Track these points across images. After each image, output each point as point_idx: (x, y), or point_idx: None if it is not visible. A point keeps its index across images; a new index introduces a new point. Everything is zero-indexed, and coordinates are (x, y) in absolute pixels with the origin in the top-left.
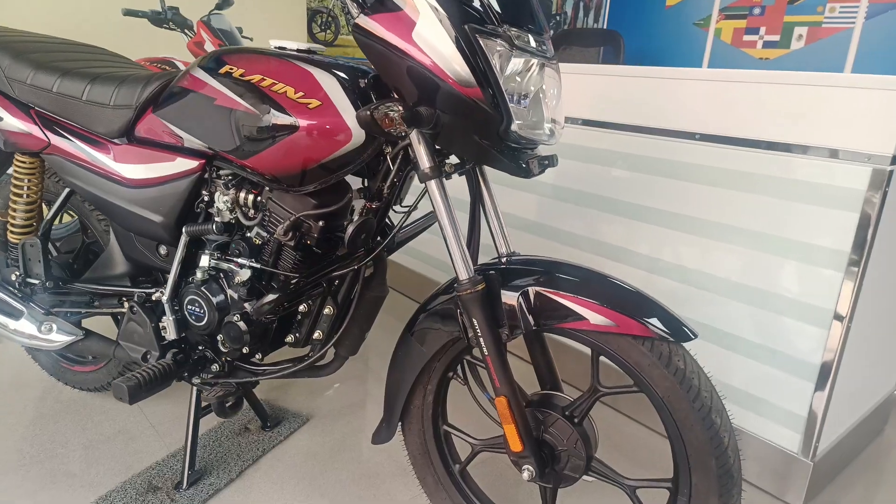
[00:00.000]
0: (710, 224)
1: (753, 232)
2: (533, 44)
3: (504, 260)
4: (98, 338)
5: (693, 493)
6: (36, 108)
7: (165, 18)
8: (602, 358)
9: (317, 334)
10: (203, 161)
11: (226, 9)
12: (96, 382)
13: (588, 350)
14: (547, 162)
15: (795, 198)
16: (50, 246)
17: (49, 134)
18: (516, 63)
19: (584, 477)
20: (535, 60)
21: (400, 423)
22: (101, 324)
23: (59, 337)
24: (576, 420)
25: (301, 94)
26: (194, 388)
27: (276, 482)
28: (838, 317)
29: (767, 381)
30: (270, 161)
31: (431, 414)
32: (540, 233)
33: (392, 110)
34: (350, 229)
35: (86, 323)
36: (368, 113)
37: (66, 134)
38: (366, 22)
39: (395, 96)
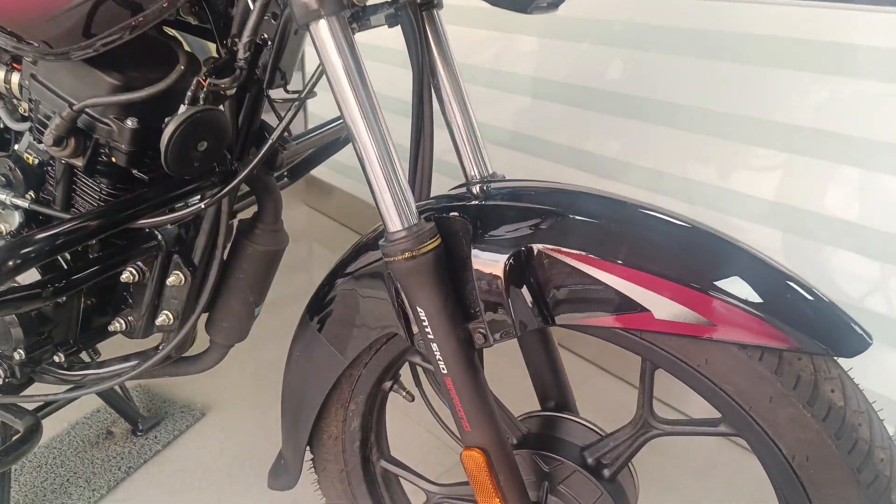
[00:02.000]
0: (755, 123)
1: (821, 132)
2: None
3: (477, 189)
4: None
5: None
6: None
7: None
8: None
9: (162, 318)
10: None
11: None
12: None
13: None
14: None
15: (887, 77)
16: None
17: None
18: None
19: None
20: None
21: (312, 460)
22: None
23: None
24: (606, 473)
25: None
26: None
27: None
28: None
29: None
30: None
31: (359, 446)
32: (512, 145)
33: None
34: (169, 131)
35: None
36: None
37: None
38: None
39: None
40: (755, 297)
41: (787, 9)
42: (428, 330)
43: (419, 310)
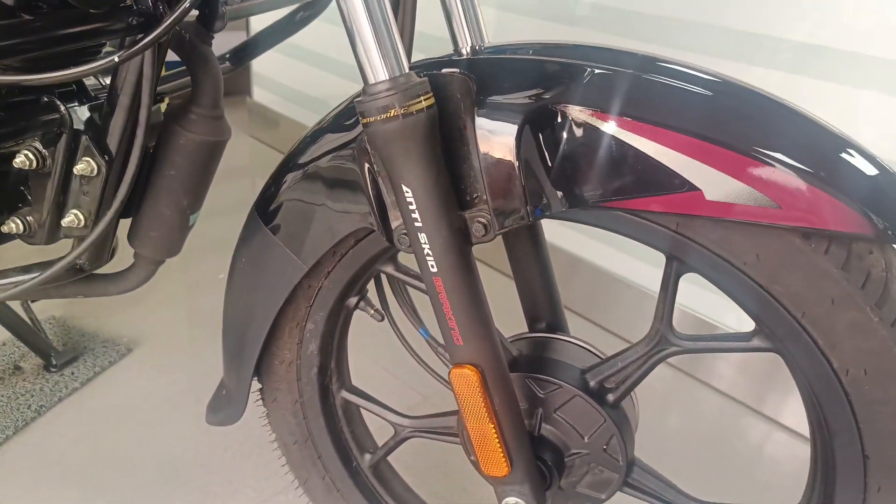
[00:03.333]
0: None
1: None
2: None
3: (468, 49)
4: None
5: None
6: None
7: None
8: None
9: (70, 218)
10: None
11: None
12: None
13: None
14: None
15: None
16: None
17: None
18: None
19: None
20: None
21: (260, 391)
22: None
23: None
24: (610, 398)
25: None
26: None
27: (58, 462)
28: None
29: None
30: None
31: (317, 374)
32: None
33: None
34: None
35: None
36: None
37: None
38: None
39: None
40: (829, 174)
41: None
42: (416, 216)
43: (405, 189)
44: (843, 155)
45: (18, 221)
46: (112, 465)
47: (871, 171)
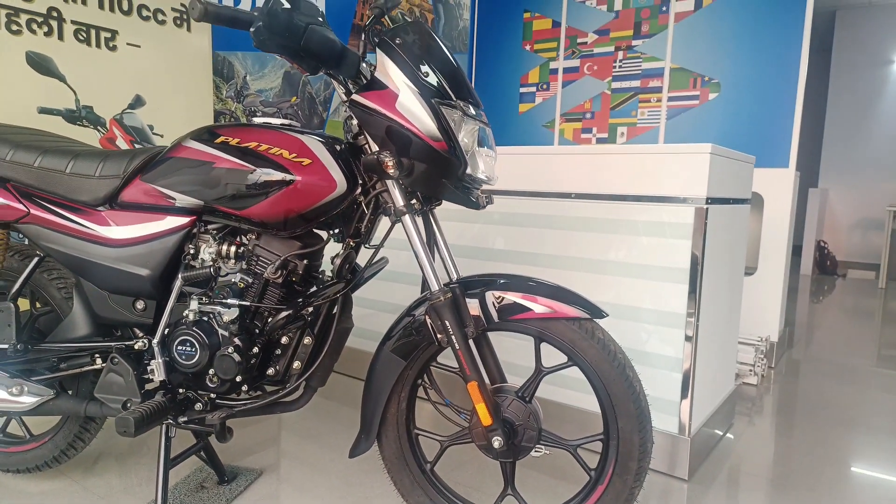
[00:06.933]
0: (585, 260)
1: (617, 262)
2: (473, 112)
3: (455, 278)
4: (67, 396)
5: (620, 436)
6: (13, 182)
7: (79, 116)
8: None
9: (296, 364)
10: (194, 217)
11: (138, 108)
12: (38, 460)
13: (532, 340)
14: (488, 199)
15: (645, 234)
16: None
17: (27, 204)
18: (467, 124)
19: (537, 447)
20: (478, 124)
21: (378, 433)
22: None
23: (28, 398)
24: (527, 399)
25: (295, 154)
26: (162, 438)
27: None
28: (689, 314)
29: (644, 378)
30: (266, 210)
31: (405, 419)
32: None
33: (389, 157)
34: (338, 261)
35: None
36: (375, 157)
37: (45, 204)
38: (359, 98)
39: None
40: (571, 301)
41: (585, 203)
42: (451, 332)
43: (446, 323)
44: (570, 294)
45: (274, 369)
46: None
47: (579, 299)
